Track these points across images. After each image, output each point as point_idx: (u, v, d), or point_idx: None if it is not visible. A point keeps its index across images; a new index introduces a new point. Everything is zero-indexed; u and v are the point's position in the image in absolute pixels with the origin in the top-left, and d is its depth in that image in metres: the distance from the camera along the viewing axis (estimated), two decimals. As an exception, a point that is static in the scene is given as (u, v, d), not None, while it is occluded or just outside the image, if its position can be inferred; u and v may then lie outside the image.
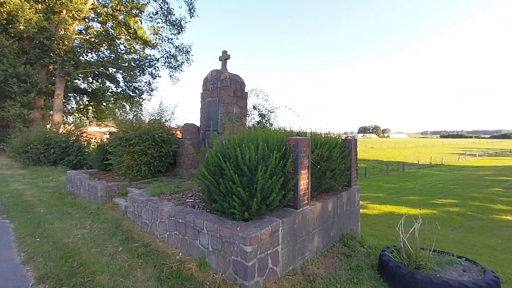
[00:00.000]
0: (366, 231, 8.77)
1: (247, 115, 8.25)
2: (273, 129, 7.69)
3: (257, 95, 8.06)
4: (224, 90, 7.19)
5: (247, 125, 8.21)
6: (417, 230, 3.82)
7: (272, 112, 8.69)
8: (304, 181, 3.95)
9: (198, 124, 8.09)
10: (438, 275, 3.30)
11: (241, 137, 3.64)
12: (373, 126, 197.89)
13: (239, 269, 3.05)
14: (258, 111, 8.72)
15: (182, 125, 7.90)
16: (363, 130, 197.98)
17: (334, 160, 4.78)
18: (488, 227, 10.20)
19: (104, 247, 4.02)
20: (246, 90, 7.74)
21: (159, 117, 7.52)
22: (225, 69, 7.59)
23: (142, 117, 7.36)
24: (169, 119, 7.75)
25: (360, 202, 14.81)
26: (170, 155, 7.39)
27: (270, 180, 3.30)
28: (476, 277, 3.33)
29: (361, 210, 12.65)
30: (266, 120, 8.66)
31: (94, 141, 13.40)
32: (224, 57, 7.64)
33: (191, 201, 4.52)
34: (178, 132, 8.09)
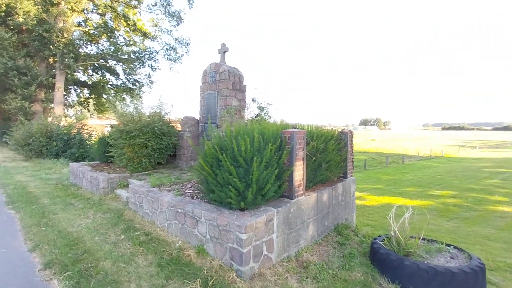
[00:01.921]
0: (363, 221, 8.95)
1: (247, 108, 8.34)
2: (272, 121, 7.82)
3: (256, 88, 8.14)
4: (222, 83, 7.26)
5: (246, 118, 8.31)
6: (407, 220, 3.96)
7: (271, 105, 8.78)
8: (299, 172, 4.08)
9: (197, 116, 8.19)
10: (426, 262, 3.45)
11: (237, 130, 3.75)
12: (375, 119, 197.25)
13: (235, 255, 3.21)
14: (258, 104, 8.81)
15: (182, 118, 8.01)
16: (364, 123, 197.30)
17: (329, 152, 4.89)
18: (483, 218, 10.37)
19: (107, 236, 4.19)
20: (244, 83, 7.80)
21: (159, 110, 7.63)
22: (224, 62, 7.63)
23: (142, 110, 7.46)
24: (168, 112, 7.86)
25: (358, 193, 14.99)
26: (170, 148, 7.51)
27: (265, 171, 3.43)
28: (463, 263, 3.48)
29: (359, 201, 12.88)
30: (265, 113, 8.75)
31: (96, 134, 13.51)
32: (223, 50, 7.68)
33: (190, 192, 4.66)
34: (178, 125, 8.20)
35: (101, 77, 25.45)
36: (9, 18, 16.07)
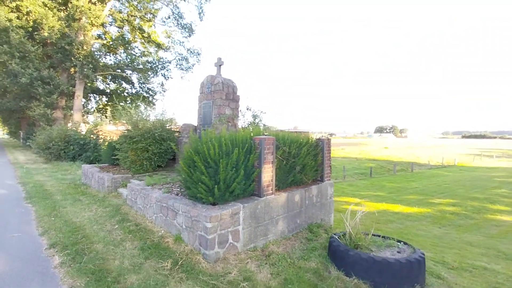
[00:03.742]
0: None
1: (243, 115, 9.00)
2: (262, 128, 8.49)
3: (247, 97, 8.81)
4: (217, 93, 7.96)
5: (241, 125, 8.96)
6: (359, 218, 4.44)
7: (265, 113, 9.41)
8: (267, 174, 4.66)
9: (196, 124, 8.92)
10: (371, 253, 3.92)
11: (209, 136, 4.40)
12: (390, 126, 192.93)
13: (202, 241, 3.82)
14: (252, 112, 9.47)
15: (181, 125, 8.77)
16: (380, 130, 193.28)
17: (302, 156, 5.44)
18: (478, 226, 10.43)
19: (104, 225, 4.92)
20: (238, 93, 8.48)
21: (161, 118, 8.44)
22: (219, 74, 8.36)
23: (149, 117, 8.26)
24: (170, 119, 8.65)
25: (357, 199, 15.16)
26: (169, 152, 8.26)
27: (231, 171, 4.04)
28: (405, 256, 3.92)
29: (355, 207, 13.12)
30: (259, 120, 9.39)
31: (110, 139, 14.58)
32: (219, 64, 8.41)
33: (177, 190, 5.33)
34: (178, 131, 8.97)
35: (118, 86, 27.05)
36: (35, 33, 17.68)
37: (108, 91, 27.74)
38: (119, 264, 3.58)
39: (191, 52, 25.31)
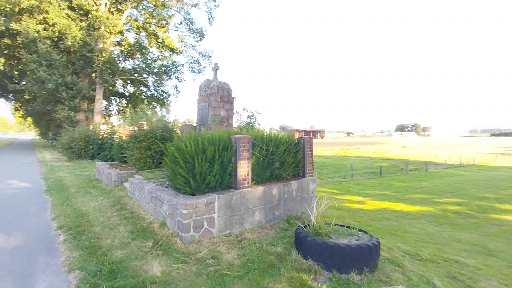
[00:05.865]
0: (348, 222, 9.61)
1: (239, 116, 9.61)
2: (258, 127, 9.09)
3: (240, 98, 9.43)
4: (212, 96, 8.63)
5: (237, 125, 9.56)
6: (322, 209, 4.88)
7: (260, 113, 9.96)
8: (243, 169, 5.22)
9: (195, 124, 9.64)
10: (327, 240, 4.38)
11: (189, 135, 5.03)
12: (412, 124, 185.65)
13: (180, 225, 4.46)
14: (248, 113, 10.05)
15: (181, 125, 9.52)
16: (401, 128, 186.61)
17: (279, 154, 5.95)
18: (477, 225, 10.35)
19: (104, 213, 5.71)
20: (233, 95, 9.10)
21: (165, 119, 9.23)
22: (216, 78, 9.02)
23: (155, 118, 9.08)
24: (172, 120, 9.43)
25: (361, 198, 15.29)
26: (170, 150, 9.03)
27: (205, 166, 4.65)
28: (358, 242, 4.34)
29: (357, 206, 13.35)
30: (255, 120, 9.96)
31: (120, 139, 15.73)
32: (215, 68, 9.08)
33: (168, 183, 6.03)
34: (179, 132, 9.73)
35: (136, 89, 28.61)
36: (60, 42, 19.32)
37: (127, 94, 29.40)
38: (110, 242, 4.31)
39: (202, 55, 26.33)
